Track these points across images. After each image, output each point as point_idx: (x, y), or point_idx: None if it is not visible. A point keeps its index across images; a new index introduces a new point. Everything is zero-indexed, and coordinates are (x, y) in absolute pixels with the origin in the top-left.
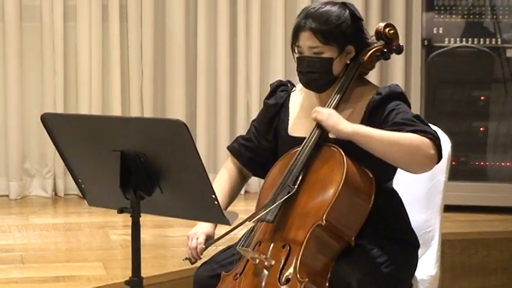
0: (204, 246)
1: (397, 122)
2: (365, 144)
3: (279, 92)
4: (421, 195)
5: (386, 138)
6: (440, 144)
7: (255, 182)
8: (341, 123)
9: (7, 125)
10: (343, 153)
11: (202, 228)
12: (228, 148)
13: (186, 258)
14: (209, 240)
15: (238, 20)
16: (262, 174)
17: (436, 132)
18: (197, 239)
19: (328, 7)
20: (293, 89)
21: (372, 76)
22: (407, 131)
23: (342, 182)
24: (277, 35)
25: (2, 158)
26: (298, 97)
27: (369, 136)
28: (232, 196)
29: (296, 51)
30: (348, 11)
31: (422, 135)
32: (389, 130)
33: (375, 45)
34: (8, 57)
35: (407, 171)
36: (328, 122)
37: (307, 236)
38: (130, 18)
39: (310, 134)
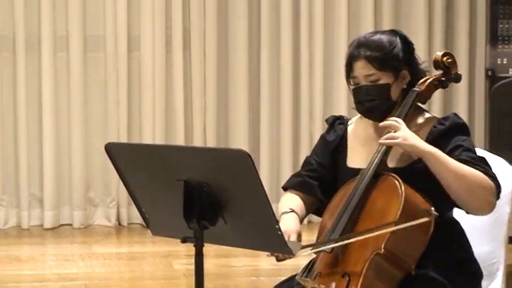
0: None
1: (463, 160)
2: (436, 168)
3: (337, 126)
4: (485, 226)
5: (458, 168)
6: (500, 193)
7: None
8: (420, 140)
9: (71, 155)
10: (401, 181)
11: (292, 226)
12: (289, 184)
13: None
14: (299, 238)
15: (301, 51)
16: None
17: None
18: (289, 237)
19: (378, 34)
20: (349, 122)
21: (435, 106)
22: None
23: (400, 210)
24: (340, 65)
25: (66, 187)
26: (355, 129)
27: (443, 160)
28: (306, 210)
29: (352, 82)
30: (398, 37)
31: (490, 179)
32: None
33: (433, 74)
34: (72, 87)
35: (463, 207)
36: (407, 140)
37: (366, 265)
38: (193, 48)
39: (369, 163)
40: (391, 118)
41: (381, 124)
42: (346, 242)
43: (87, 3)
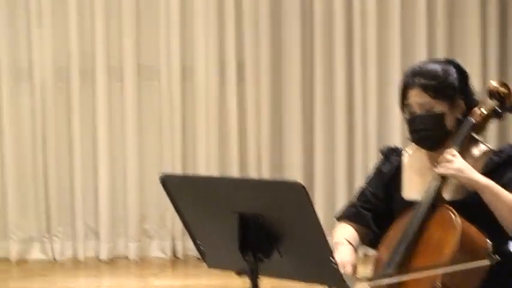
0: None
1: None
2: (492, 201)
3: (392, 157)
4: None
5: None
6: None
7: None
8: (475, 173)
9: (126, 186)
10: (457, 215)
11: (347, 257)
12: (343, 214)
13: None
14: (355, 270)
15: (355, 80)
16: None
17: None
18: (344, 268)
19: (433, 63)
20: (403, 153)
21: (489, 136)
22: None
23: (456, 243)
24: (394, 95)
25: (121, 218)
26: (410, 160)
27: (498, 193)
28: (360, 241)
29: (406, 111)
30: (453, 66)
31: None
32: None
33: (488, 104)
34: (126, 116)
35: None
36: (463, 172)
37: None
38: (247, 77)
39: (424, 195)
40: (447, 150)
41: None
42: (402, 279)
43: (142, 34)
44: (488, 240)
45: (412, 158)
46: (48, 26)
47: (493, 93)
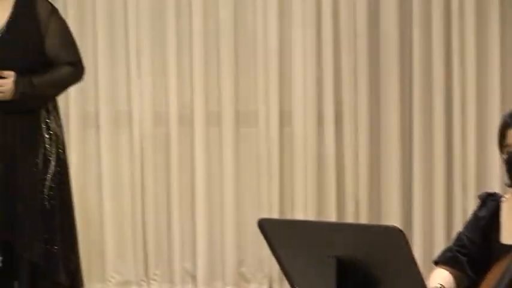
0: None
1: None
2: None
3: (490, 202)
4: None
5: None
6: None
7: None
8: None
9: (224, 229)
10: None
11: None
12: (440, 259)
13: None
14: None
15: (453, 123)
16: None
17: None
18: None
19: None
20: (502, 199)
21: None
22: None
23: None
24: (494, 138)
25: (218, 262)
26: (508, 204)
27: None
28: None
29: (504, 152)
30: None
31: None
32: None
33: None
34: (224, 161)
35: None
36: None
37: None
38: (345, 122)
39: None
40: None
41: None
42: None
43: (240, 79)
44: None
45: (510, 202)
46: (148, 70)
47: None
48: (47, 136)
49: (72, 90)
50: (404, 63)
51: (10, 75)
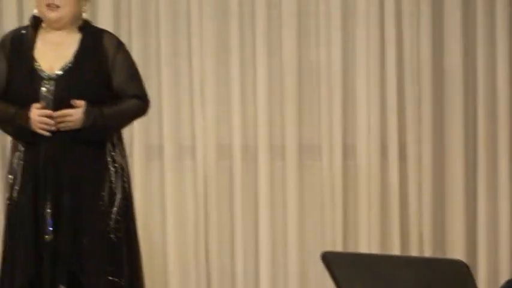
0: None
1: None
2: None
3: None
4: None
5: None
6: None
7: None
8: None
9: (287, 262)
10: None
11: None
12: None
13: None
14: None
15: None
16: None
17: None
18: None
19: None
20: None
21: None
22: None
23: None
24: None
25: None
26: None
27: None
28: None
29: None
30: None
31: None
32: None
33: None
34: (288, 194)
35: None
36: None
37: None
38: (409, 156)
39: None
40: None
41: None
42: None
43: (303, 112)
44: None
45: None
46: (212, 104)
47: None
48: (112, 169)
49: (137, 124)
50: (469, 95)
51: (81, 105)
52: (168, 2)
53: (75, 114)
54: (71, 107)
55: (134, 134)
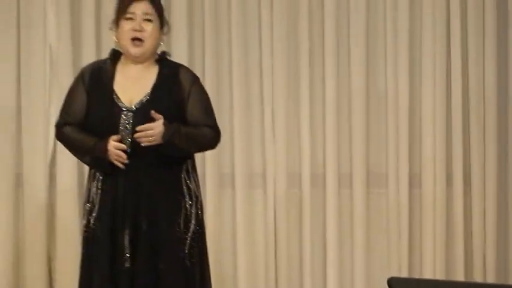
0: None
1: None
2: None
3: None
4: None
5: None
6: None
7: None
8: None
9: (354, 287)
10: None
11: None
12: None
13: None
14: None
15: None
16: None
17: None
18: None
19: None
20: None
21: None
22: None
23: None
24: None
25: None
26: None
27: None
28: None
29: None
30: None
31: None
32: None
33: None
34: (355, 221)
35: None
36: None
37: None
38: (473, 186)
39: None
40: None
41: None
42: None
43: (370, 141)
44: None
45: None
46: (281, 132)
47: None
48: (187, 197)
49: (209, 153)
50: None
51: (160, 117)
52: (240, 36)
53: (157, 127)
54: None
55: (207, 162)
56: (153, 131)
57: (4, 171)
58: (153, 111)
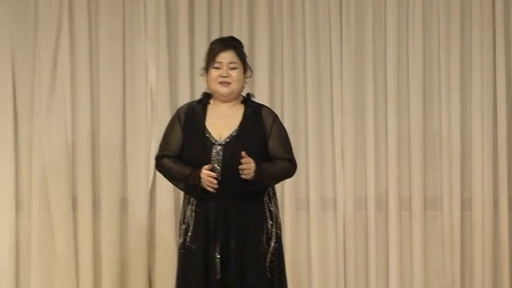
0: None
1: None
2: None
3: None
4: None
5: None
6: None
7: None
8: None
9: None
10: None
11: None
12: None
13: None
14: None
15: None
16: None
17: None
18: None
19: None
20: None
21: None
22: None
23: None
24: None
25: None
26: None
27: None
28: None
29: None
30: None
31: None
32: None
33: None
34: (414, 239)
35: None
36: None
37: None
38: None
39: None
40: None
41: None
42: None
43: (427, 169)
44: None
45: None
46: (350, 161)
47: None
48: (269, 219)
49: (287, 179)
50: None
51: (247, 157)
52: (314, 79)
53: (251, 162)
54: (236, 168)
55: (286, 188)
56: (251, 164)
57: (111, 196)
58: (243, 153)
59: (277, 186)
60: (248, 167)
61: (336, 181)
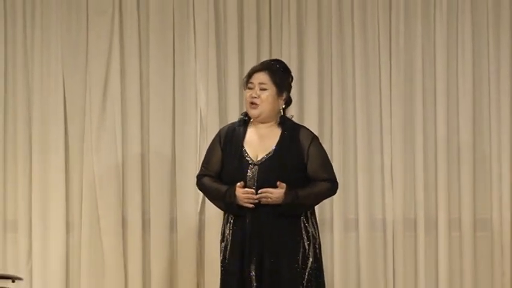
0: None
1: None
2: None
3: None
4: None
5: None
6: None
7: None
8: None
9: None
10: None
11: None
12: None
13: None
14: None
15: None
16: None
17: None
18: None
19: None
20: None
21: None
22: None
23: None
24: None
25: None
26: None
27: None
28: None
29: None
30: None
31: None
32: None
33: None
34: (464, 260)
35: None
36: None
37: None
38: None
39: None
40: None
41: None
42: None
43: (477, 190)
44: None
45: None
46: (399, 182)
47: None
48: (305, 238)
49: (337, 200)
50: None
51: (283, 187)
52: (363, 101)
53: (275, 193)
54: (271, 186)
55: (334, 209)
56: (272, 195)
57: (161, 216)
58: (279, 183)
59: (326, 208)
60: (268, 196)
61: (385, 202)
